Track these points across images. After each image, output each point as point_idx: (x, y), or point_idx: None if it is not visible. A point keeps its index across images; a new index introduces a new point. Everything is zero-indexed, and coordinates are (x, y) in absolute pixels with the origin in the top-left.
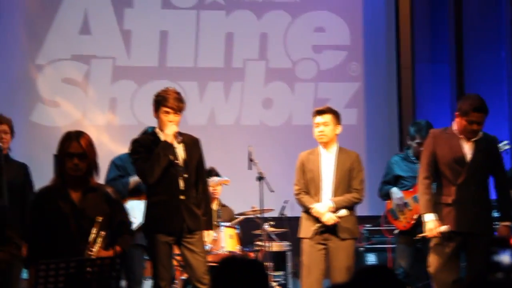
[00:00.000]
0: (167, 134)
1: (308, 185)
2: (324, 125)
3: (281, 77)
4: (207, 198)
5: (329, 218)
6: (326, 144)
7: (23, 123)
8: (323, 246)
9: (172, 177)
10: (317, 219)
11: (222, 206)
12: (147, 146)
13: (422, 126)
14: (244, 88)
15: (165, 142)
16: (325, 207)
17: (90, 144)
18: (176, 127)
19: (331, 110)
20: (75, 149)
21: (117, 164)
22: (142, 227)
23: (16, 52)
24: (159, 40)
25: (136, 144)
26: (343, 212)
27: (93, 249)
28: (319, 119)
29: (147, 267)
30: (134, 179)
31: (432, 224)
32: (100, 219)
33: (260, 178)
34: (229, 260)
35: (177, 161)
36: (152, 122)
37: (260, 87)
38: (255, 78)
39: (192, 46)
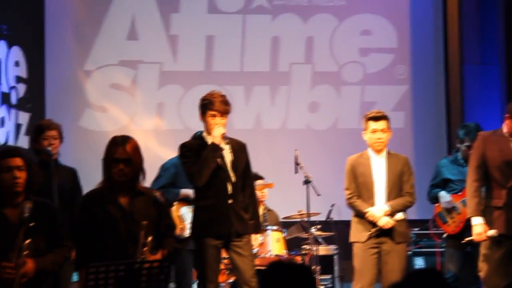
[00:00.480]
0: (215, 136)
1: (360, 189)
2: (382, 132)
3: (327, 81)
4: (255, 202)
5: (386, 222)
6: (380, 149)
7: (72, 128)
8: (376, 250)
9: (220, 181)
10: (371, 223)
11: (268, 210)
12: (195, 150)
13: (471, 129)
14: (290, 92)
15: (213, 144)
16: (381, 211)
17: (136, 149)
18: (223, 128)
19: (386, 116)
20: (120, 155)
21: (168, 169)
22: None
23: (65, 58)
24: (205, 44)
25: (184, 148)
26: (400, 216)
27: (144, 253)
28: (376, 125)
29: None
30: (184, 191)
31: (480, 228)
32: (145, 223)
33: (307, 182)
34: (277, 264)
35: (224, 165)
36: (199, 126)
37: (306, 90)
38: (301, 81)
39: (238, 51)
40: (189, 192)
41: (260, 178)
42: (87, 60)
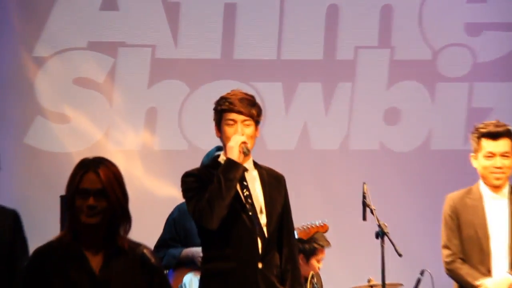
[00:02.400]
0: (231, 147)
1: (467, 248)
2: (503, 157)
3: (415, 74)
4: (296, 268)
5: None
6: (499, 185)
7: (15, 147)
8: None
9: (245, 232)
10: None
11: (316, 278)
12: (205, 181)
13: None
14: (355, 92)
15: (229, 161)
16: (503, 284)
17: (115, 176)
18: (243, 137)
19: (510, 131)
20: (91, 183)
21: (171, 216)
22: None
23: (5, 40)
24: (223, 16)
25: (189, 178)
26: None
27: None
28: (493, 145)
29: None
30: (187, 250)
31: None
32: None
33: (381, 235)
34: None
35: (250, 202)
36: (211, 144)
37: (380, 89)
38: (373, 75)
39: (273, 27)
40: (194, 251)
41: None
42: (38, 42)
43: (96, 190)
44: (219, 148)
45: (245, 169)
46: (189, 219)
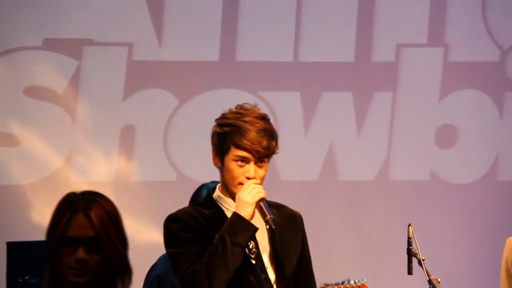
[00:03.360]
0: (244, 201)
1: None
2: None
3: (477, 81)
4: None
5: None
6: None
7: None
8: None
9: None
10: None
11: None
12: (198, 229)
13: None
14: (397, 105)
15: (239, 219)
16: None
17: (110, 218)
18: (262, 189)
19: None
20: (80, 230)
21: (156, 276)
22: None
23: None
24: (222, 6)
25: (176, 224)
26: None
27: None
28: None
29: None
30: None
31: None
32: None
33: None
34: None
35: (258, 254)
36: (207, 176)
37: (431, 101)
38: (421, 82)
39: (288, 20)
40: None
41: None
42: None
43: (87, 238)
44: (213, 183)
45: (256, 228)
46: None
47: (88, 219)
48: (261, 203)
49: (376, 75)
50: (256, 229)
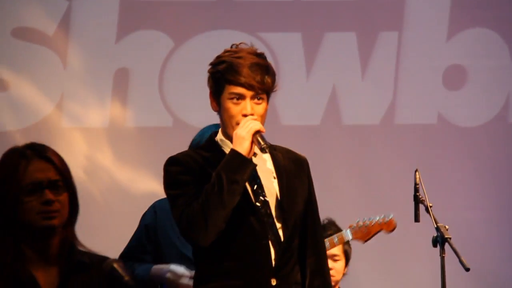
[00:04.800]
0: (240, 137)
1: None
2: None
3: (487, 19)
4: (327, 285)
5: None
6: None
7: None
8: None
9: (251, 239)
10: None
11: None
12: (197, 171)
13: None
14: (403, 45)
15: (236, 154)
16: None
17: (65, 163)
18: (259, 122)
19: None
20: (42, 173)
21: (144, 216)
22: None
23: None
24: None
25: (176, 167)
26: None
27: None
28: None
29: None
30: (156, 269)
31: None
32: None
33: (440, 241)
34: None
35: (262, 198)
36: (206, 120)
37: (438, 41)
38: (428, 21)
39: None
40: (178, 270)
41: (338, 229)
42: None
43: (52, 180)
44: (217, 127)
45: (254, 165)
46: (170, 220)
47: (48, 161)
48: (257, 136)
49: (381, 14)
50: (254, 165)
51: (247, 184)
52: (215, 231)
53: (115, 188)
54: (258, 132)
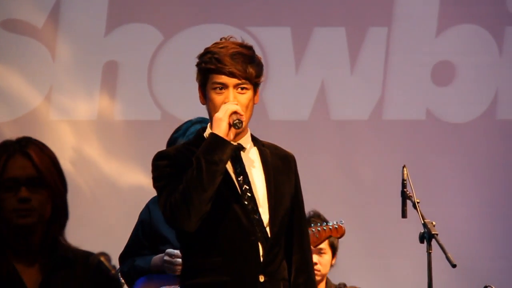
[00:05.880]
0: (218, 118)
1: None
2: None
3: (475, 15)
4: (312, 281)
5: None
6: None
7: None
8: None
9: (239, 234)
10: None
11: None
12: (184, 164)
13: None
14: (392, 41)
15: (213, 137)
16: None
17: (51, 160)
18: (235, 105)
19: None
20: (20, 170)
21: (141, 221)
22: None
23: None
24: None
25: (164, 161)
26: None
27: None
28: None
29: None
30: (157, 259)
31: None
32: None
33: (427, 237)
34: None
35: (249, 195)
36: (194, 114)
37: (427, 36)
38: (417, 17)
39: None
40: (173, 252)
41: (321, 219)
42: None
43: (29, 178)
44: (204, 120)
45: (239, 148)
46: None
47: (27, 158)
48: (233, 116)
49: (370, 9)
50: (232, 145)
51: (234, 180)
52: (198, 215)
53: (103, 181)
54: (235, 113)
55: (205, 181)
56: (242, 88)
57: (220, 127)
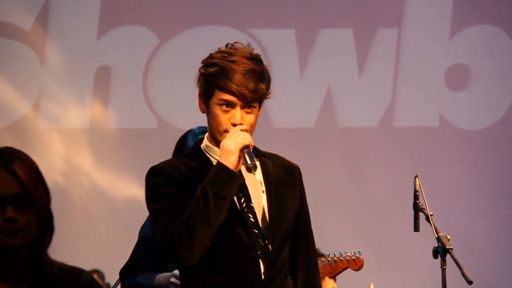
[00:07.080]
0: (227, 150)
1: None
2: None
3: (492, 16)
4: None
5: None
6: None
7: None
8: None
9: (239, 251)
10: None
11: None
12: (181, 182)
13: None
14: (403, 43)
15: (223, 169)
16: None
17: (35, 173)
18: (248, 135)
19: None
20: (5, 188)
21: (142, 237)
22: None
23: None
24: None
25: (158, 178)
26: None
27: None
28: None
29: None
30: (160, 278)
31: None
32: None
33: (441, 252)
34: None
35: (250, 209)
36: (192, 122)
37: (440, 38)
38: (429, 17)
39: None
40: (168, 276)
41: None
42: None
43: (15, 195)
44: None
45: (241, 178)
46: None
47: (12, 174)
48: (245, 151)
49: (379, 10)
50: (241, 179)
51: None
52: (201, 250)
53: (95, 193)
54: (246, 147)
55: (212, 216)
56: (249, 107)
57: (230, 159)
